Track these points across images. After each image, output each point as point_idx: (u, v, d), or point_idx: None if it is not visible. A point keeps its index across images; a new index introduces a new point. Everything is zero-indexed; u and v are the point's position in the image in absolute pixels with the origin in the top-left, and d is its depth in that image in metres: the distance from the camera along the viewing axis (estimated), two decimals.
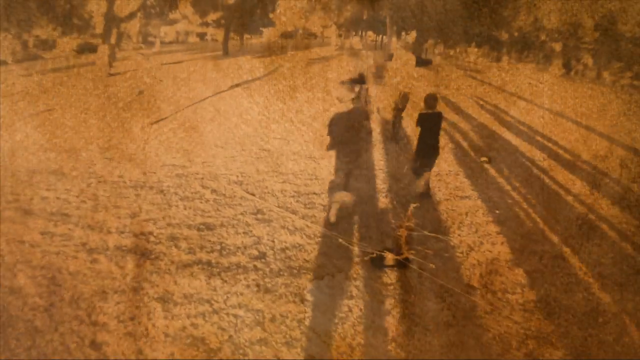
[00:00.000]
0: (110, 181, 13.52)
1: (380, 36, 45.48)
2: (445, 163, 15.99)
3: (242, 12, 32.37)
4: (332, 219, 11.43)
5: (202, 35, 36.93)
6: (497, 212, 12.60)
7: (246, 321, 8.06)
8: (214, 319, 8.10)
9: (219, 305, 8.42)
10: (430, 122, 12.59)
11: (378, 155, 16.51)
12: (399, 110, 18.05)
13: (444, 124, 14.53)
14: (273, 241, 10.57)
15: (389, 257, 9.94)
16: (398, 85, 27.09)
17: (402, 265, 9.79)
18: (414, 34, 35.07)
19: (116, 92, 24.78)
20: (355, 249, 10.44)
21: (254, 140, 17.66)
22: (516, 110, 24.50)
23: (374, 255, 10.03)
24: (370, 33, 45.19)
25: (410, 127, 20.02)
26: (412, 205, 11.14)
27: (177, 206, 12.11)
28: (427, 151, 12.77)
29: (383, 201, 12.84)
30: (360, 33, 43.17)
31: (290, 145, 17.28)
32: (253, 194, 12.85)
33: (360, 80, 18.07)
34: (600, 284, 9.69)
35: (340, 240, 10.68)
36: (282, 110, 21.73)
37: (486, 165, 15.87)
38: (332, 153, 11.58)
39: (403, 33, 34.42)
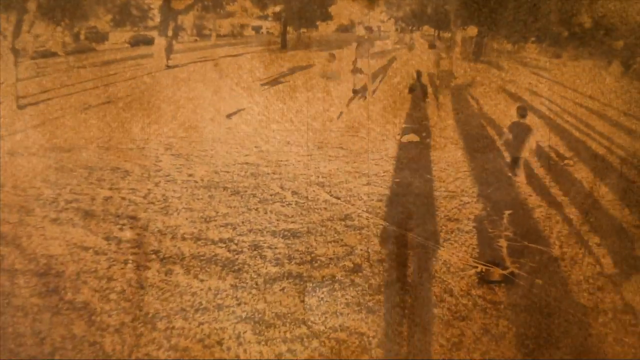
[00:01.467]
0: (180, 180, 12.37)
1: (437, 31, 44.25)
2: (532, 167, 14.49)
3: (301, 5, 31.46)
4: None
5: (257, 29, 36.34)
6: (591, 220, 11.14)
7: (351, 347, 6.78)
8: (314, 344, 6.92)
9: (318, 328, 7.19)
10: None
11: (458, 156, 15.04)
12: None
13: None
14: (368, 251, 9.27)
15: (496, 272, 8.77)
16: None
17: (508, 280, 8.62)
18: (473, 28, 34.06)
19: (179, 85, 23.88)
20: (457, 262, 9.17)
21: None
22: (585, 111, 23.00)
23: (481, 269, 8.82)
24: (426, 27, 44.06)
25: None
26: (507, 212, 10.35)
27: (257, 210, 10.89)
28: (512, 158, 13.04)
29: (476, 207, 11.39)
30: (417, 28, 42.27)
31: (370, 143, 15.94)
32: (338, 198, 11.54)
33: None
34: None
35: (440, 250, 9.33)
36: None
37: (570, 169, 14.38)
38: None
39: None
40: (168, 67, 27.00)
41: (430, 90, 23.09)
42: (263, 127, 18.02)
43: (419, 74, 22.10)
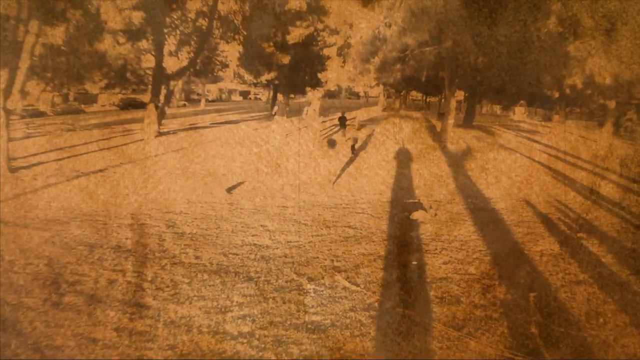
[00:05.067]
0: (187, 263, 11.70)
1: (425, 96, 44.59)
2: (546, 242, 14.21)
3: (294, 72, 31.46)
4: None
5: (245, 94, 36.30)
6: (616, 297, 10.85)
7: None
8: None
9: None
10: None
11: (470, 232, 14.62)
12: None
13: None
14: (401, 346, 8.62)
15: None
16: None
17: None
18: (460, 93, 34.35)
19: (173, 154, 23.43)
20: (492, 353, 8.64)
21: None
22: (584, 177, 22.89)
23: None
24: (413, 93, 44.40)
25: None
26: (532, 295, 10.32)
27: (275, 299, 10.26)
28: None
29: (500, 290, 10.90)
30: (406, 93, 42.56)
31: (375, 221, 15.43)
32: (357, 285, 10.95)
33: None
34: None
35: (472, 342, 8.79)
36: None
37: (584, 242, 14.05)
38: None
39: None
40: (160, 133, 26.57)
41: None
42: (267, 202, 17.49)
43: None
